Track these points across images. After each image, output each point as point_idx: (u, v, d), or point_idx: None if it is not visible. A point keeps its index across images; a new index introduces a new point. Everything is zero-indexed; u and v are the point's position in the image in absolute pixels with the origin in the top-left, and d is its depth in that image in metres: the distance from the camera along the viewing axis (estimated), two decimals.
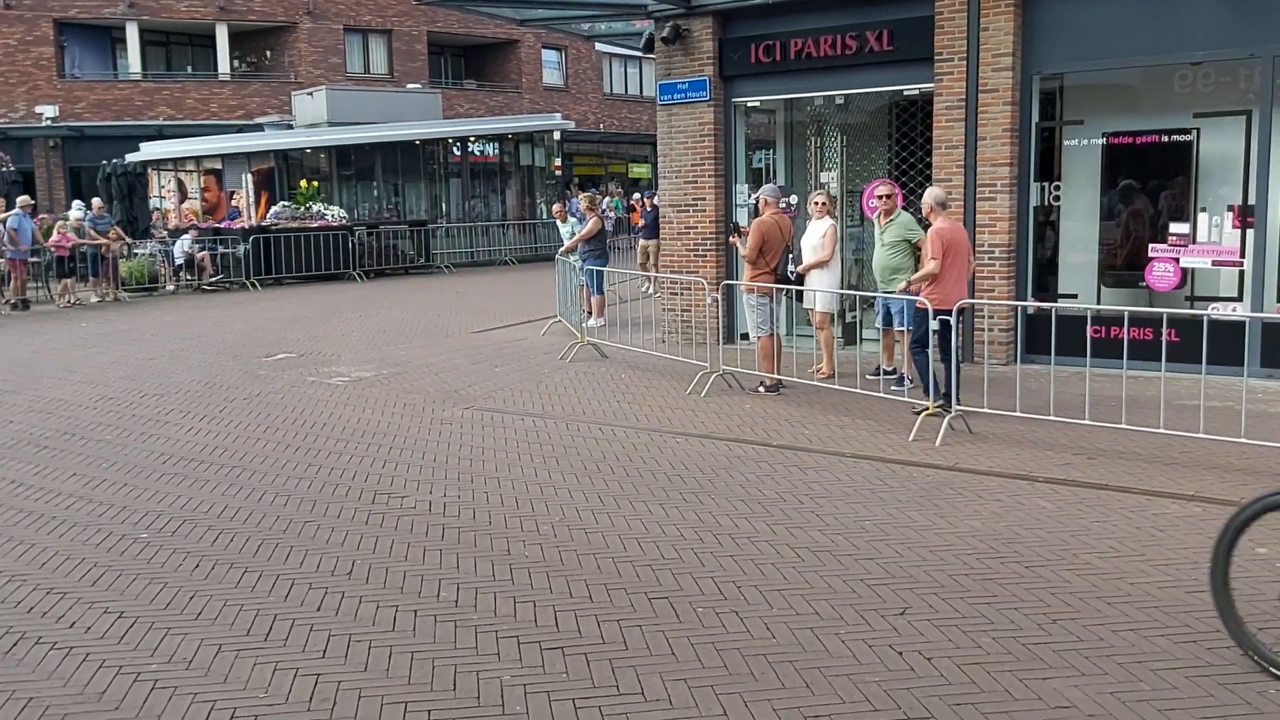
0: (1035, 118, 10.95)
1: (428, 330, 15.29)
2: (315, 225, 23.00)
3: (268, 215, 23.88)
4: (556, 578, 5.59)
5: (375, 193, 28.51)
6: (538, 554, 5.96)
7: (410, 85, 34.16)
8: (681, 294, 13.07)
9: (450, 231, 27.50)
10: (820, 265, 10.50)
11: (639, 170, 41.24)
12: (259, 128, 30.55)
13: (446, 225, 27.75)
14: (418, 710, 4.18)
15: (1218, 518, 6.27)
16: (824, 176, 13.09)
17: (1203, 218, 10.32)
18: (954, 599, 5.18)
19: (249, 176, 27.31)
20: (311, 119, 29.42)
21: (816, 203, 10.70)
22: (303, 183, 25.19)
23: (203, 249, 21.91)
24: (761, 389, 10.18)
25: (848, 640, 4.73)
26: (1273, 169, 9.87)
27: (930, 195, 9.02)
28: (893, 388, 9.70)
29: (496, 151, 30.25)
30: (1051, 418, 7.99)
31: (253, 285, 21.58)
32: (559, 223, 18.72)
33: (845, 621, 4.94)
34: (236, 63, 34.96)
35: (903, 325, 9.57)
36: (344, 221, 23.86)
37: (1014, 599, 5.13)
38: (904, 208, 10.59)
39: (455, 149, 29.38)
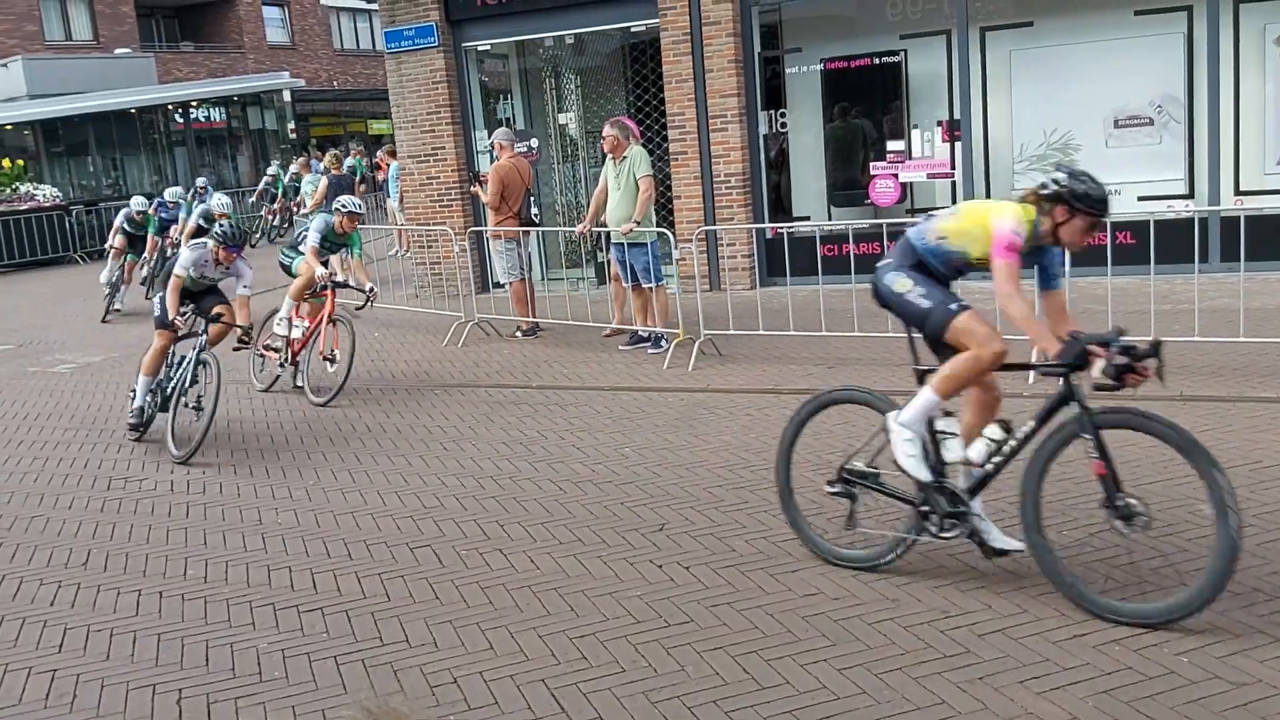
0: (758, 48, 11.29)
1: None
2: (25, 208, 21.19)
3: None
4: (312, 541, 5.41)
5: (91, 168, 26.46)
6: (291, 520, 5.75)
7: (119, 50, 31.66)
8: (429, 246, 12.81)
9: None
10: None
11: (379, 126, 39.91)
12: None
13: None
14: (167, 690, 3.96)
15: None
16: (562, 119, 13.08)
17: (915, 134, 10.95)
18: (709, 510, 5.35)
19: None
20: (9, 93, 26.91)
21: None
22: (5, 162, 23.05)
23: None
24: (519, 334, 10.15)
25: (609, 561, 4.81)
26: (972, 84, 10.57)
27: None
28: (649, 350, 8.99)
29: (223, 116, 28.66)
30: (792, 333, 8.36)
31: None
32: (304, 179, 17.84)
33: (607, 544, 5.02)
34: None
35: (651, 281, 8.88)
36: (58, 201, 22.09)
37: (764, 503, 5.34)
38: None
39: (177, 116, 27.61)
